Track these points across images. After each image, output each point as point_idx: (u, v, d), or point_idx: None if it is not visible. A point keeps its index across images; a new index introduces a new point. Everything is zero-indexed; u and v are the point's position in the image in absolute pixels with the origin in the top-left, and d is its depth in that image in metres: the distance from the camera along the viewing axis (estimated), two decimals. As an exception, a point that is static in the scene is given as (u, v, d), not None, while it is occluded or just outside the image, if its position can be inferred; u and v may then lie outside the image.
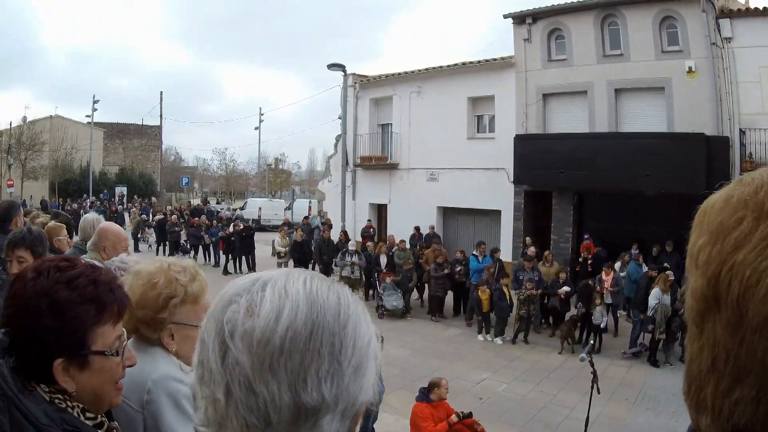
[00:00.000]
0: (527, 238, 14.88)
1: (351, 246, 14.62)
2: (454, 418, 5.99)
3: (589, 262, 13.67)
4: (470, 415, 6.14)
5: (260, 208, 34.89)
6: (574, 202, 15.54)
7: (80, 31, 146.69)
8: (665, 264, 12.03)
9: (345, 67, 19.07)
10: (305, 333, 0.68)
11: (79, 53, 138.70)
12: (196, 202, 43.53)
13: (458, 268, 13.69)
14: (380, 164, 20.46)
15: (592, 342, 9.49)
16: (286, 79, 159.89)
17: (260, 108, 50.59)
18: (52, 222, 6.08)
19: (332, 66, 18.75)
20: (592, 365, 6.30)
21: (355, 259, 14.28)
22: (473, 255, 13.74)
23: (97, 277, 1.33)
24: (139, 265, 1.90)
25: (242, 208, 35.45)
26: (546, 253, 13.66)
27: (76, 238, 5.31)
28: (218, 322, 0.70)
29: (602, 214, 15.43)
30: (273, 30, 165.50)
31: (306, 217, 23.12)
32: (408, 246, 15.77)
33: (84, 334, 1.27)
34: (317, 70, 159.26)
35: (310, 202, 35.20)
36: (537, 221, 16.25)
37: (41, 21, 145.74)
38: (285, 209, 35.14)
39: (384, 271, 14.24)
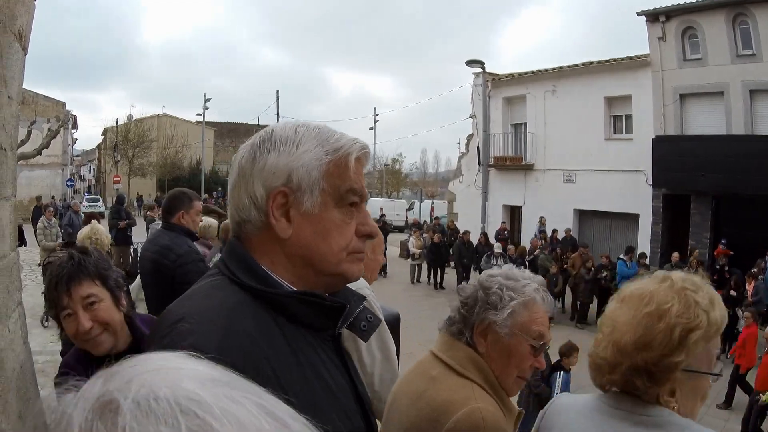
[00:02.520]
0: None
1: (497, 249, 17.36)
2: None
3: (726, 269, 15.88)
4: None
5: (381, 209, 39.79)
6: (711, 206, 18.71)
7: (178, 32, 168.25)
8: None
9: (484, 63, 23.06)
10: None
11: (178, 54, 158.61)
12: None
13: (604, 274, 16.15)
14: (515, 165, 24.69)
15: None
16: (390, 79, 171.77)
17: (375, 108, 56.33)
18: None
19: (471, 62, 22.84)
20: None
21: (500, 262, 16.53)
22: (621, 260, 16.55)
23: None
24: (635, 284, 1.71)
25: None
26: (691, 259, 16.41)
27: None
28: None
29: (737, 219, 18.29)
30: (374, 32, 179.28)
31: (437, 218, 27.47)
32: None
33: None
34: (422, 71, 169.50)
35: (432, 203, 39.71)
36: (673, 226, 19.52)
37: (139, 24, 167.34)
38: (407, 210, 40.21)
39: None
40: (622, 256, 16.73)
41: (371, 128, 55.55)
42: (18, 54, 2.75)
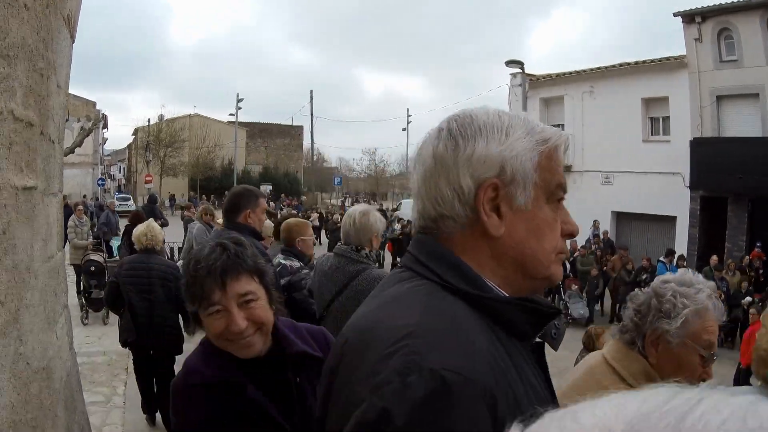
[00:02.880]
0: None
1: (537, 251, 17.99)
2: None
3: (761, 272, 16.46)
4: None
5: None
6: (748, 208, 19.14)
7: (209, 33, 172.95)
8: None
9: (523, 64, 24.02)
10: None
11: (209, 55, 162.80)
12: (339, 202, 50.68)
13: (644, 276, 16.05)
14: (552, 166, 24.94)
15: None
16: (421, 80, 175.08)
17: (408, 109, 57.99)
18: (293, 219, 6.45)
19: (510, 63, 23.81)
20: None
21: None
22: (661, 262, 16.67)
23: None
24: None
25: (396, 209, 40.74)
26: (729, 261, 16.84)
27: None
28: None
29: (771, 223, 18.62)
30: (404, 32, 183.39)
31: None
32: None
33: None
34: (453, 71, 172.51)
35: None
36: (710, 228, 19.94)
37: (169, 24, 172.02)
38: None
39: (570, 277, 17.11)
40: (662, 258, 17.09)
41: (404, 129, 56.58)
42: (66, 41, 2.65)
